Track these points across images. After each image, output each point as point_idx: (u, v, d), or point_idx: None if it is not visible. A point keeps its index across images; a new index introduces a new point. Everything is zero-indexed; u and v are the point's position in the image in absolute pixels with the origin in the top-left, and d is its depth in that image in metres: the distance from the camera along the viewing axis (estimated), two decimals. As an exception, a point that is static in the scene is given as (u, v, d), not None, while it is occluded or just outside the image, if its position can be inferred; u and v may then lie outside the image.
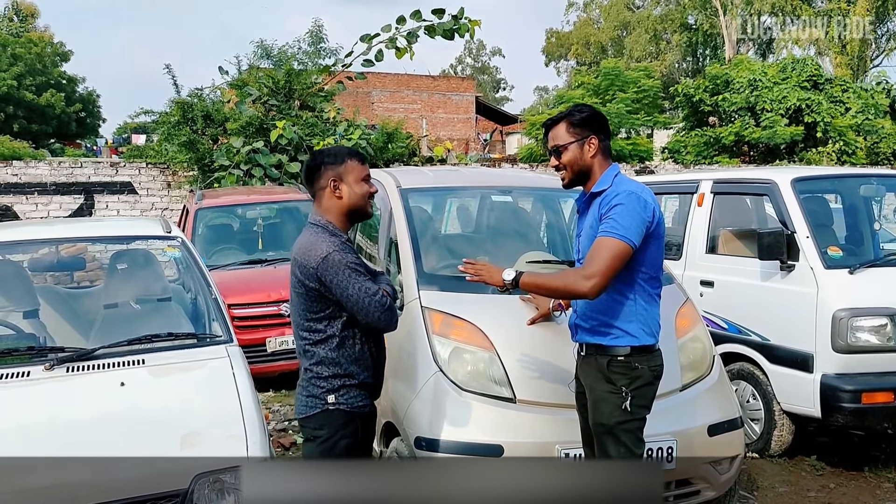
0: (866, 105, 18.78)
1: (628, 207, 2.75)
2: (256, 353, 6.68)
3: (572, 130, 2.93)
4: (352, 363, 2.87)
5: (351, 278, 2.74)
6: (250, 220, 8.47)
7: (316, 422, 2.88)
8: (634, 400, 2.80)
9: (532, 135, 18.85)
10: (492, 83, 66.17)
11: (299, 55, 17.47)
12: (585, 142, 2.91)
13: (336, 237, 2.84)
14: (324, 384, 2.86)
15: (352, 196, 2.90)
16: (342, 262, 2.75)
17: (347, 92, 16.84)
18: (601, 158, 2.93)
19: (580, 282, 2.72)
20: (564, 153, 2.94)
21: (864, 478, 4.76)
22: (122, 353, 3.34)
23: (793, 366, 4.78)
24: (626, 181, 2.91)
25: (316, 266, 2.76)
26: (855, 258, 4.99)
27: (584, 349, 2.98)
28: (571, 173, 2.96)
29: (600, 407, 2.86)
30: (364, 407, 2.93)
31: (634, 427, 2.83)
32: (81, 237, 4.49)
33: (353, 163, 2.92)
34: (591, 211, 2.93)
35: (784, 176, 5.21)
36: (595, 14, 47.70)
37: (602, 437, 2.87)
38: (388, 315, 2.80)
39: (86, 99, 32.90)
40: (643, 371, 2.83)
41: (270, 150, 11.62)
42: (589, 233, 2.89)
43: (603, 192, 2.88)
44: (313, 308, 2.85)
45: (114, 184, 12.45)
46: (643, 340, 2.84)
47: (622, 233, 2.72)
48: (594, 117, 2.95)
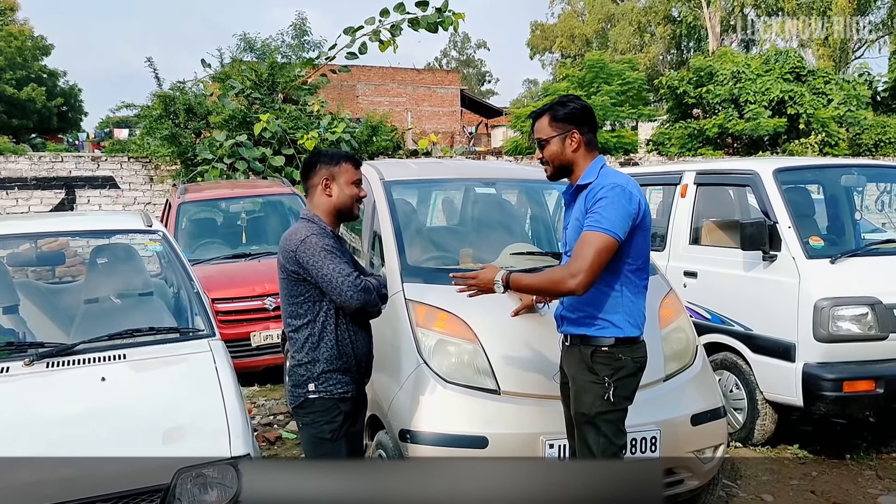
0: (848, 96, 18.94)
1: (613, 200, 2.74)
2: (241, 348, 6.65)
3: (554, 125, 2.92)
4: (331, 348, 2.95)
5: (326, 259, 2.86)
6: (234, 214, 8.42)
7: (301, 410, 3.02)
8: (617, 390, 2.80)
9: (517, 127, 18.85)
10: (477, 76, 66.08)
11: (283, 48, 17.36)
12: (567, 136, 2.90)
13: (317, 225, 2.98)
14: (303, 372, 2.97)
15: (340, 196, 3.04)
16: (318, 244, 2.88)
17: (332, 85, 16.78)
18: (584, 151, 2.92)
19: (567, 279, 2.73)
20: (547, 147, 2.95)
21: (845, 466, 4.81)
22: (103, 347, 3.31)
23: (775, 355, 4.81)
24: (612, 173, 2.90)
25: (295, 249, 2.89)
26: (836, 248, 5.01)
27: (568, 339, 2.98)
28: (553, 167, 2.98)
29: (582, 397, 2.86)
30: (345, 393, 2.99)
31: (615, 418, 2.84)
32: (61, 231, 4.45)
33: (347, 165, 3.07)
34: (578, 203, 2.92)
35: (766, 167, 5.23)
36: (580, 6, 47.70)
37: (583, 427, 2.88)
38: (363, 295, 2.88)
39: (67, 93, 32.60)
40: (626, 362, 2.83)
41: (254, 144, 11.57)
42: (575, 225, 2.89)
43: (589, 185, 2.87)
44: (294, 292, 2.96)
45: (95, 178, 12.35)
46: (628, 332, 2.83)
47: (607, 226, 2.72)
48: (578, 110, 2.92)
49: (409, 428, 3.42)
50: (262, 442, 5.32)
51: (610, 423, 2.82)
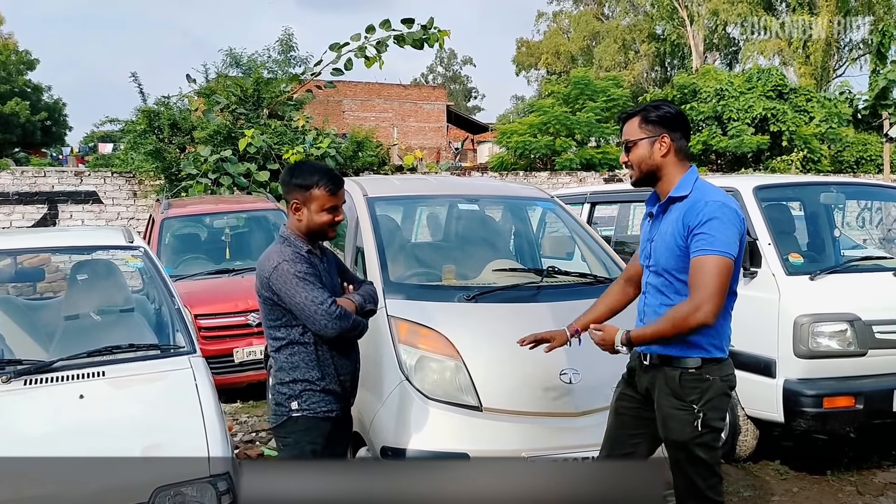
0: (830, 114, 19.17)
1: (724, 221, 2.62)
2: (224, 364, 6.61)
3: (645, 127, 2.79)
4: (312, 369, 2.90)
5: (298, 286, 2.79)
6: (218, 229, 8.39)
7: (283, 431, 2.94)
8: (707, 416, 2.67)
9: (503, 143, 18.93)
10: (463, 92, 66.35)
11: (269, 63, 17.38)
12: (657, 140, 2.77)
13: (292, 248, 2.90)
14: (285, 390, 2.91)
15: (310, 223, 2.93)
16: (290, 271, 2.80)
17: (318, 100, 16.80)
18: (674, 159, 2.79)
19: (694, 313, 2.57)
20: (634, 149, 2.81)
21: (826, 481, 4.83)
22: (82, 365, 3.29)
23: (756, 371, 4.83)
24: (711, 188, 2.77)
25: (268, 276, 2.84)
26: (816, 265, 5.06)
27: (648, 359, 2.82)
28: (639, 172, 2.84)
29: (670, 423, 2.74)
30: (329, 412, 2.94)
31: (709, 439, 2.71)
32: (41, 247, 4.42)
33: (320, 192, 2.90)
34: (671, 217, 2.77)
35: (746, 184, 5.28)
36: (565, 24, 48.05)
37: (676, 454, 2.76)
38: (338, 323, 2.81)
39: (51, 107, 32.49)
40: (714, 382, 2.69)
41: (239, 159, 11.56)
42: (668, 240, 2.74)
43: (683, 198, 2.74)
44: (271, 316, 2.92)
45: (78, 193, 12.29)
46: (714, 354, 2.71)
47: (721, 248, 2.59)
48: (672, 115, 2.80)
49: (391, 445, 3.42)
50: (244, 459, 5.28)
51: (702, 445, 2.69)
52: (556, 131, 17.82)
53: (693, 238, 2.64)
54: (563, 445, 3.39)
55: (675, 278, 2.75)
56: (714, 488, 2.76)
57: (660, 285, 2.81)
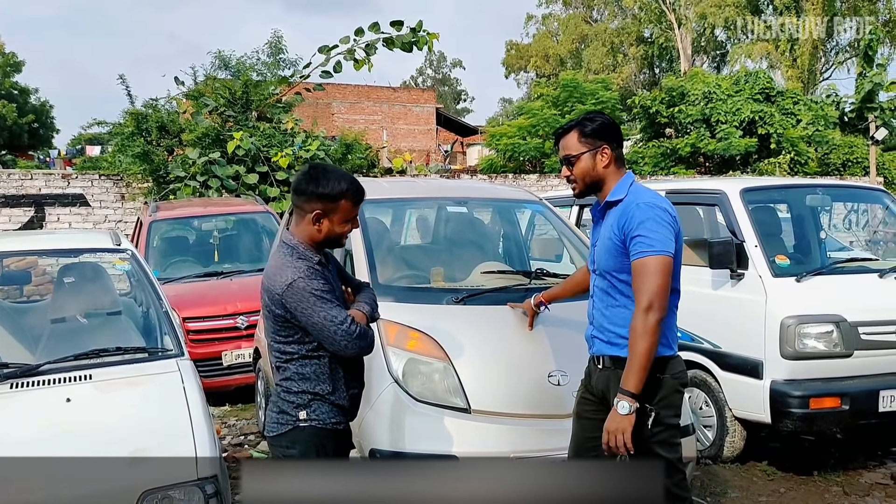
0: (816, 117, 19.31)
1: (657, 221, 2.69)
2: (212, 367, 6.60)
3: (584, 140, 2.83)
4: (324, 382, 2.73)
5: (316, 306, 2.61)
6: (206, 232, 8.36)
7: (287, 439, 2.74)
8: (661, 414, 2.71)
9: (492, 146, 18.97)
10: (452, 94, 66.44)
11: (258, 66, 17.37)
12: (598, 151, 2.82)
13: (304, 261, 2.70)
14: (294, 399, 2.72)
15: (330, 233, 2.75)
16: (307, 289, 2.61)
17: (308, 103, 16.77)
18: (614, 168, 2.85)
19: (645, 320, 2.63)
20: (577, 163, 2.84)
21: (813, 482, 4.86)
22: (69, 368, 3.27)
23: (743, 373, 4.86)
24: (644, 191, 2.84)
25: (281, 293, 2.63)
26: (802, 266, 5.09)
27: (601, 361, 2.88)
28: (583, 184, 2.87)
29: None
30: (338, 424, 2.78)
31: (666, 436, 2.75)
32: (27, 250, 4.40)
33: (347, 204, 2.73)
34: (608, 221, 2.85)
35: (733, 186, 5.31)
36: (554, 27, 48.21)
37: (636, 453, 2.76)
38: (358, 343, 2.68)
39: (39, 110, 32.35)
40: (666, 381, 2.75)
41: (227, 162, 11.52)
42: (606, 244, 2.81)
43: (619, 202, 2.80)
44: (281, 332, 2.72)
45: (66, 196, 12.22)
46: (663, 351, 2.74)
47: (659, 248, 2.66)
48: (606, 126, 2.85)
49: (380, 447, 3.41)
50: (232, 462, 5.26)
51: (659, 443, 2.73)
52: (546, 134, 17.87)
53: (631, 242, 2.71)
54: (552, 447, 3.39)
55: (616, 279, 2.82)
56: (679, 484, 2.81)
57: (605, 287, 2.88)
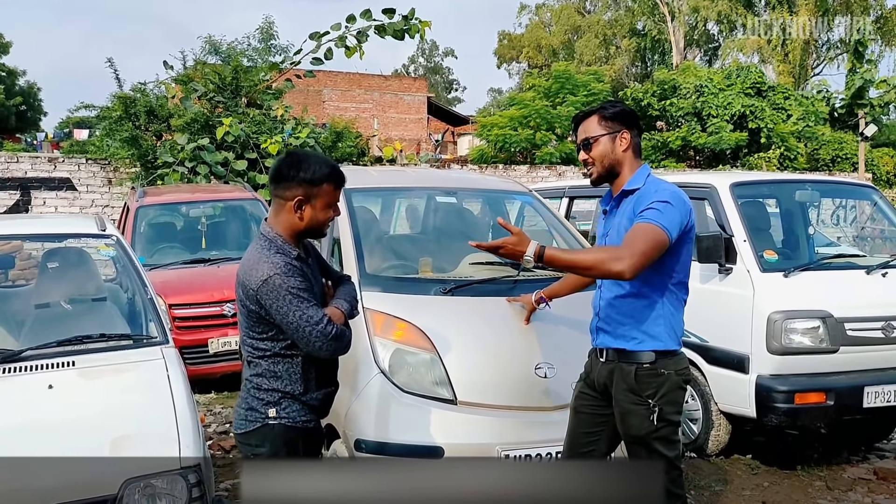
0: (807, 112, 19.39)
1: (673, 205, 2.68)
2: (198, 354, 6.57)
3: (604, 123, 2.83)
4: (296, 382, 2.67)
5: (292, 304, 2.52)
6: (194, 218, 8.30)
7: (256, 437, 2.67)
8: (664, 410, 2.72)
9: (483, 136, 18.91)
10: (444, 84, 66.25)
11: (248, 52, 17.21)
12: (618, 135, 2.81)
13: (282, 255, 2.60)
14: (264, 396, 2.65)
15: (313, 221, 2.65)
16: (283, 286, 2.52)
17: (298, 90, 16.68)
18: (632, 155, 2.84)
19: (616, 261, 2.55)
20: (595, 146, 2.83)
21: (797, 476, 4.88)
22: (52, 354, 3.23)
23: (729, 367, 4.88)
24: (662, 182, 2.82)
25: (256, 289, 2.54)
26: (790, 262, 5.11)
27: (604, 354, 2.87)
28: (601, 168, 2.84)
29: (628, 419, 2.78)
30: (308, 422, 2.72)
31: (667, 433, 2.76)
32: (12, 234, 4.34)
33: (329, 188, 2.65)
34: (623, 210, 2.82)
35: (723, 181, 5.31)
36: (547, 17, 48.06)
37: (633, 448, 2.82)
38: (333, 344, 2.58)
39: (26, 92, 32.05)
40: (670, 376, 2.74)
41: (216, 148, 11.45)
42: (621, 232, 2.75)
43: (636, 191, 2.79)
44: (255, 329, 2.64)
45: (52, 180, 12.12)
46: (668, 345, 2.75)
47: (663, 223, 2.62)
48: (627, 112, 2.86)
49: (365, 437, 3.40)
50: (218, 450, 5.25)
51: (660, 439, 2.75)
52: (537, 125, 17.84)
53: (641, 211, 2.69)
54: (538, 439, 3.40)
55: None
56: (675, 482, 2.81)
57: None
